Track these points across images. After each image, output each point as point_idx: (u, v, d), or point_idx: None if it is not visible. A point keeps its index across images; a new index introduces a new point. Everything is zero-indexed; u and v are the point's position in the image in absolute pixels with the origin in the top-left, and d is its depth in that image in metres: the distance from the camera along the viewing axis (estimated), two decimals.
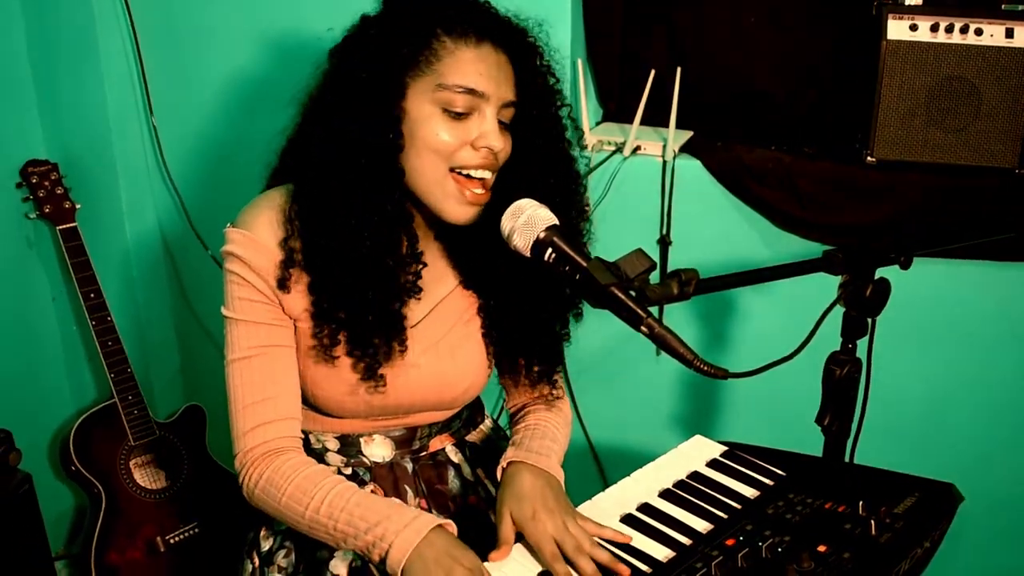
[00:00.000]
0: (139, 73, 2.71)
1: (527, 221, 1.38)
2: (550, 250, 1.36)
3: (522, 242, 1.38)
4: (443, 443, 1.75)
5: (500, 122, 1.49)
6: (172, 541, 2.61)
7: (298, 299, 1.52)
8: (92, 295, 2.58)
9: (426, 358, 1.62)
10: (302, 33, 2.56)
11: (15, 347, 2.78)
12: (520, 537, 1.49)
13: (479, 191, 1.48)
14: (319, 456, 1.67)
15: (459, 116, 1.45)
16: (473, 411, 1.82)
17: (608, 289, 1.29)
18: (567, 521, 1.47)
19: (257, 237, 1.50)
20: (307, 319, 1.54)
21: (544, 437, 1.68)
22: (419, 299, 1.59)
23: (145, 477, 2.63)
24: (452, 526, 1.45)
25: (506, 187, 1.50)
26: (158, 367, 3.02)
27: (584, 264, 1.32)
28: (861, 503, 1.42)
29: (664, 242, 2.45)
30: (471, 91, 1.44)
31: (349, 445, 1.67)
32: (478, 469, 1.78)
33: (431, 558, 1.37)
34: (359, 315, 1.51)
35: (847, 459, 1.65)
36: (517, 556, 1.46)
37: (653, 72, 2.39)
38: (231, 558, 2.67)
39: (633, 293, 1.30)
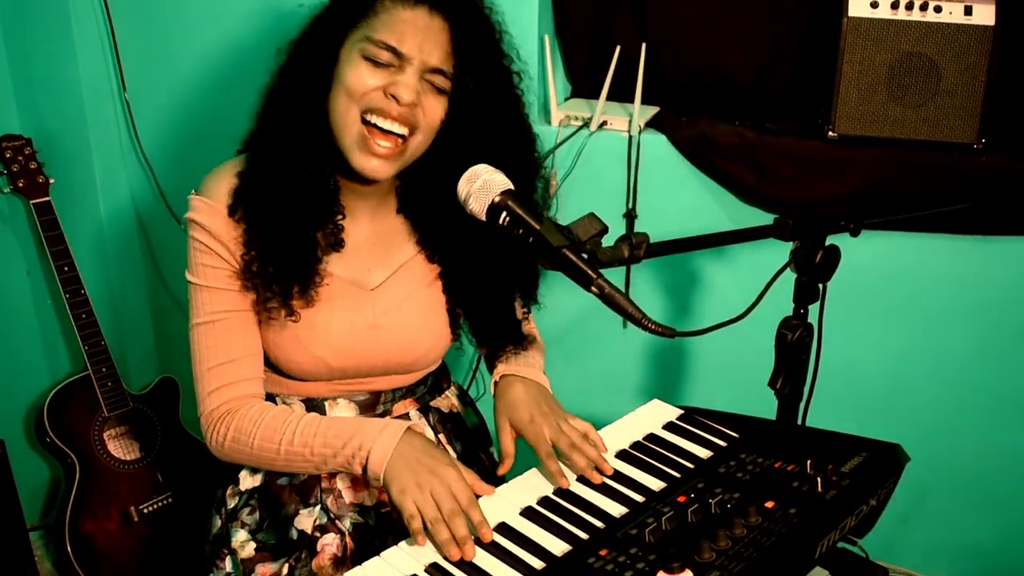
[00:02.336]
0: (112, 48, 2.73)
1: (483, 185, 1.42)
2: (504, 214, 1.39)
3: (477, 206, 1.42)
4: (407, 408, 1.79)
5: (434, 87, 1.53)
6: (146, 511, 2.64)
7: (239, 228, 1.58)
8: (66, 268, 2.60)
9: (387, 319, 1.67)
10: (274, 8, 2.57)
11: None
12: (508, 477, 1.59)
13: (387, 144, 1.52)
14: None
15: (379, 65, 1.50)
16: (438, 377, 1.86)
17: (560, 251, 1.33)
18: (560, 422, 1.60)
19: (218, 204, 1.56)
20: (239, 258, 1.59)
21: (527, 356, 1.79)
22: (376, 267, 1.67)
23: (119, 448, 2.65)
24: (420, 428, 1.54)
25: (454, 157, 1.53)
26: (132, 340, 3.05)
27: (537, 227, 1.36)
28: (809, 462, 1.46)
29: (630, 216, 2.49)
30: (392, 49, 1.49)
31: (314, 408, 1.71)
32: (440, 435, 1.82)
33: (412, 457, 1.46)
34: (273, 248, 1.56)
35: (799, 422, 1.69)
36: (519, 485, 1.55)
37: (619, 48, 2.42)
38: (204, 527, 2.72)
39: (585, 255, 1.34)
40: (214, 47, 2.70)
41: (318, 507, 1.67)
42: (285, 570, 1.63)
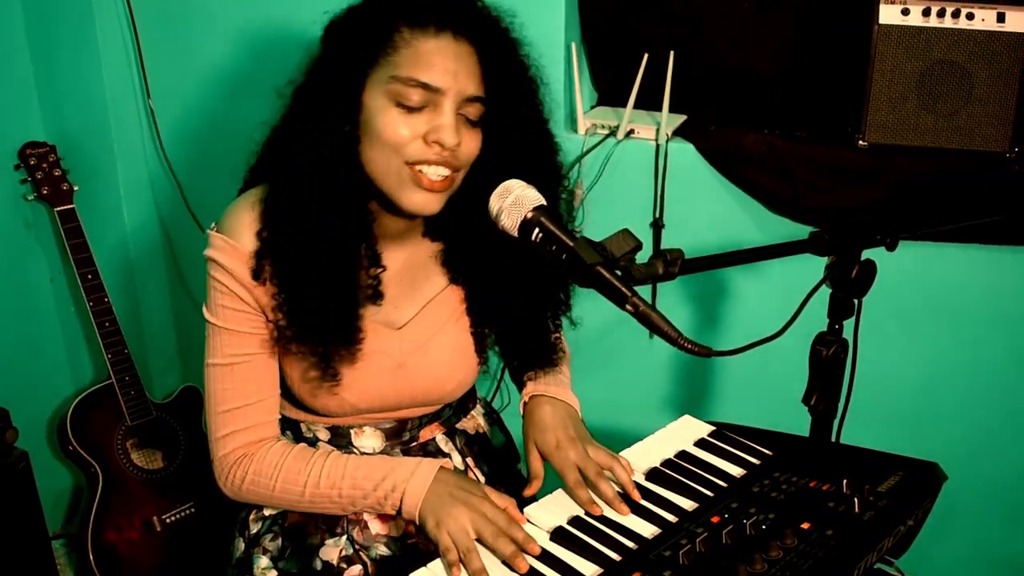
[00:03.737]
0: (136, 56, 2.74)
1: (515, 201, 1.39)
2: (537, 230, 1.37)
3: (509, 222, 1.39)
4: (433, 432, 1.75)
5: (466, 119, 1.46)
6: (168, 521, 2.64)
7: (268, 289, 1.51)
8: (89, 276, 2.60)
9: (413, 358, 1.63)
10: (297, 18, 2.56)
11: (14, 327, 2.80)
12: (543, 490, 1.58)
13: (435, 177, 1.45)
14: (311, 444, 1.68)
15: (412, 110, 1.42)
16: (464, 398, 1.81)
17: (594, 268, 1.30)
18: (588, 448, 1.58)
19: (238, 244, 1.49)
20: (272, 310, 1.53)
21: (557, 373, 1.78)
22: (402, 306, 1.62)
23: (142, 457, 2.65)
24: (450, 464, 1.53)
25: (484, 179, 1.46)
26: (155, 348, 3.05)
27: (571, 244, 1.33)
28: (845, 481, 1.44)
29: (657, 225, 2.47)
30: (424, 85, 1.40)
31: (340, 436, 1.68)
32: (468, 458, 1.79)
33: (446, 493, 1.45)
34: (312, 315, 1.50)
35: (833, 439, 1.67)
36: (548, 505, 1.53)
37: (646, 56, 2.40)
38: (226, 538, 2.70)
39: (619, 272, 1.31)
40: (237, 55, 2.70)
41: (344, 537, 1.64)
42: None
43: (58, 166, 2.65)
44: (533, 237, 1.37)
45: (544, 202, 1.40)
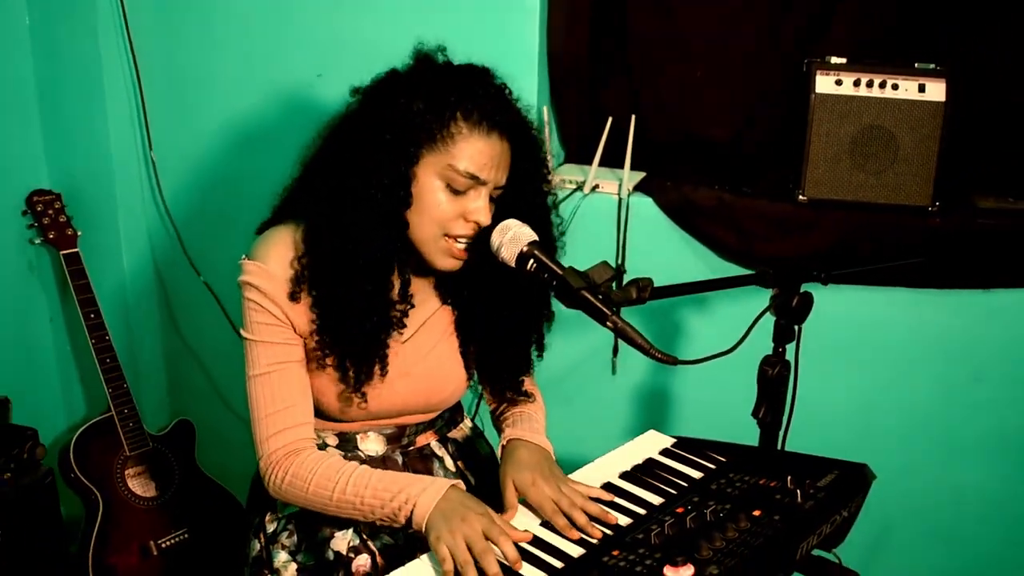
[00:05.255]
0: (140, 110, 2.95)
1: (513, 237, 1.66)
2: (532, 261, 1.63)
3: (508, 254, 1.66)
4: (428, 439, 1.99)
5: (490, 197, 1.74)
6: (164, 545, 2.80)
7: (304, 311, 1.75)
8: (92, 315, 2.78)
9: (417, 368, 1.88)
10: (294, 78, 2.80)
11: (13, 364, 2.97)
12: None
13: (462, 247, 1.74)
14: (319, 448, 1.89)
15: (458, 192, 1.70)
16: (454, 412, 2.07)
17: (580, 292, 1.56)
18: (560, 485, 1.74)
19: (270, 268, 1.73)
20: (310, 334, 1.77)
21: (531, 420, 1.98)
22: (407, 322, 1.84)
23: (139, 485, 2.82)
24: (462, 485, 1.71)
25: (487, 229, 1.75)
26: (148, 386, 3.21)
27: (560, 272, 1.59)
28: (789, 478, 1.68)
29: (619, 271, 2.72)
30: (474, 177, 1.69)
31: (347, 441, 1.91)
32: (459, 461, 2.03)
33: (449, 509, 1.62)
34: (349, 340, 1.74)
35: (779, 447, 1.92)
36: (519, 515, 1.73)
37: (611, 119, 2.67)
38: (218, 562, 2.88)
39: (600, 296, 1.57)
40: (236, 111, 2.92)
41: (351, 530, 1.86)
42: None
43: (63, 212, 2.85)
44: (528, 267, 1.63)
45: (536, 238, 1.66)
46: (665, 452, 1.92)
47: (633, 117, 2.64)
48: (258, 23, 2.82)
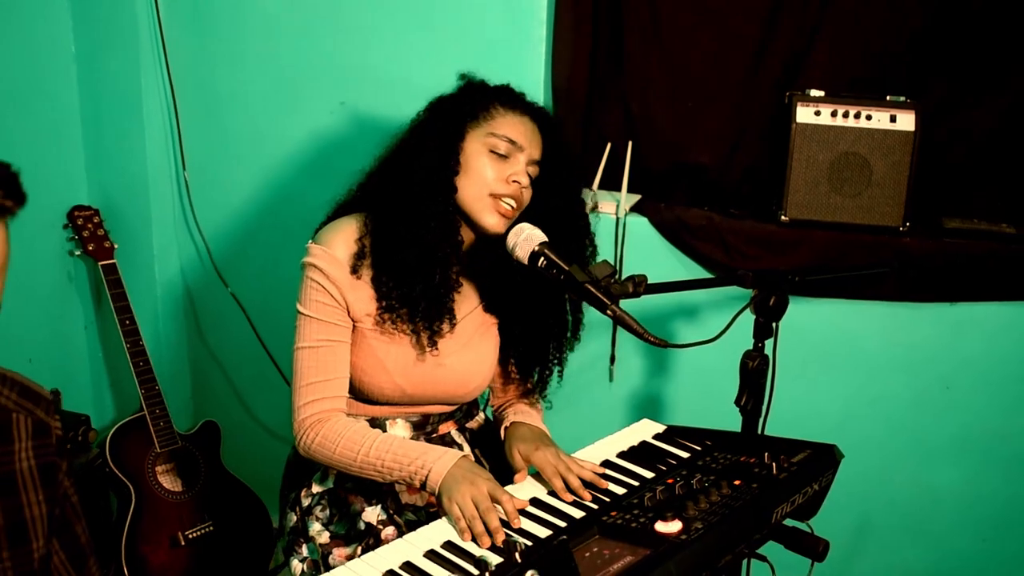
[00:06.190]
0: (175, 133, 3.17)
1: (526, 237, 1.91)
2: (542, 258, 1.86)
3: (522, 253, 1.90)
4: (449, 428, 2.21)
5: (528, 176, 1.99)
6: (191, 536, 2.99)
7: (363, 287, 1.98)
8: (127, 322, 3.00)
9: (452, 360, 2.09)
10: (321, 105, 3.03)
11: (48, 368, 3.16)
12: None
13: (507, 208, 1.98)
14: None
15: (501, 157, 1.97)
16: (471, 405, 2.29)
17: (584, 285, 1.79)
18: (558, 452, 1.99)
19: (334, 252, 1.97)
20: (367, 317, 1.99)
21: (530, 414, 2.23)
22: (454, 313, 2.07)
23: (168, 480, 3.02)
24: (471, 456, 1.94)
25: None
26: (173, 390, 3.41)
27: (567, 268, 1.83)
28: (766, 455, 1.90)
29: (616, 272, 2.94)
30: (512, 141, 1.98)
31: (376, 426, 2.12)
32: (476, 449, 2.25)
33: (459, 475, 1.85)
34: (421, 295, 1.97)
35: (759, 431, 2.14)
36: (528, 485, 1.96)
37: (609, 145, 2.91)
38: (240, 552, 3.08)
39: (602, 289, 1.80)
40: (267, 134, 3.13)
41: (379, 505, 2.07)
42: (359, 551, 2.01)
43: (101, 227, 3.07)
44: (539, 264, 1.86)
45: (547, 239, 1.90)
46: (657, 436, 2.14)
47: (630, 143, 2.88)
48: (286, 53, 3.04)
